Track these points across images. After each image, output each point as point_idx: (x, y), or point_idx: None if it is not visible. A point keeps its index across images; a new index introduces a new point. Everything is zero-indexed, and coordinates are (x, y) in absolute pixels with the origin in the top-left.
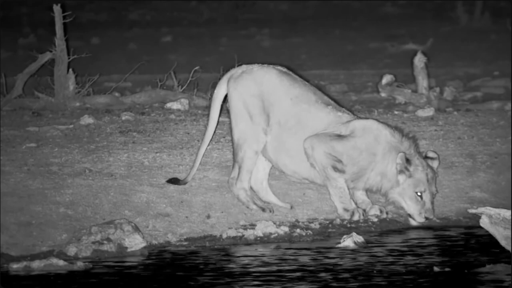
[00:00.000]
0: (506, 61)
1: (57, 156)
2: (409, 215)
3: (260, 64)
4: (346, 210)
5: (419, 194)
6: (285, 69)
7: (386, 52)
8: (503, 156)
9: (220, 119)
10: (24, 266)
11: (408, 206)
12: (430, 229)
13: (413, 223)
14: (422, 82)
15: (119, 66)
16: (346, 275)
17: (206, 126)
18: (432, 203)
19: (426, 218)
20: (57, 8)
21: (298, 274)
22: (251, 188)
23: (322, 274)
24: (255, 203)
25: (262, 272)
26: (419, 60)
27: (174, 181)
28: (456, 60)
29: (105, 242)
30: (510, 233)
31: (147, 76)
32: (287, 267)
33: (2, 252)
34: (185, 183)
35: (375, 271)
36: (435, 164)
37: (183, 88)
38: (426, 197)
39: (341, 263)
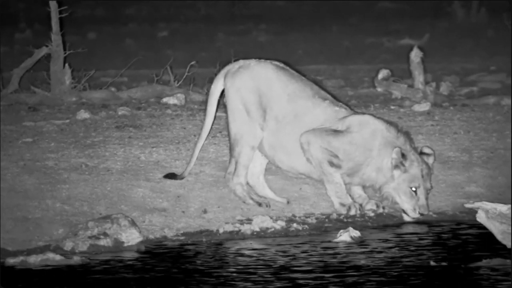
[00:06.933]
0: (503, 56)
1: (54, 151)
2: (403, 211)
3: (257, 59)
4: (342, 205)
5: (413, 189)
6: (282, 65)
7: (382, 47)
8: (499, 151)
9: (217, 114)
10: (21, 261)
11: (402, 201)
12: (426, 223)
13: (406, 218)
14: (419, 77)
15: (115, 61)
16: (342, 270)
17: (203, 121)
18: (427, 198)
19: (420, 214)
20: (53, 3)
21: (294, 268)
22: (247, 183)
23: (319, 269)
24: (251, 198)
25: (258, 266)
26: (416, 55)
27: (170, 176)
28: (452, 55)
29: (101, 236)
30: (506, 228)
31: (144, 71)
32: (283, 262)
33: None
34: (181, 178)
35: (371, 266)
36: (430, 160)
37: (179, 83)
38: (421, 192)
39: (337, 258)
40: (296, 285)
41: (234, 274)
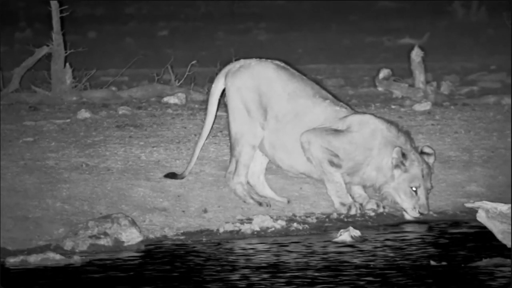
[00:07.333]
0: (503, 55)
1: (54, 151)
2: (404, 209)
3: (257, 59)
4: (343, 204)
5: (413, 189)
6: (282, 64)
7: (382, 46)
8: (499, 151)
9: (218, 113)
10: (21, 261)
11: (403, 201)
12: (426, 223)
13: (407, 217)
14: (419, 76)
15: (116, 61)
16: (342, 269)
17: (203, 120)
18: (427, 198)
19: (420, 213)
20: (54, 2)
21: (295, 268)
22: (248, 182)
23: (319, 269)
24: (252, 198)
25: (258, 266)
26: (416, 54)
27: (171, 175)
28: (452, 54)
29: (102, 236)
30: (506, 227)
31: (144, 70)
32: (283, 262)
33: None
34: (182, 178)
35: (372, 265)
36: (431, 159)
37: (180, 83)
38: (421, 192)
39: (338, 257)
40: (296, 284)
41: (234, 273)
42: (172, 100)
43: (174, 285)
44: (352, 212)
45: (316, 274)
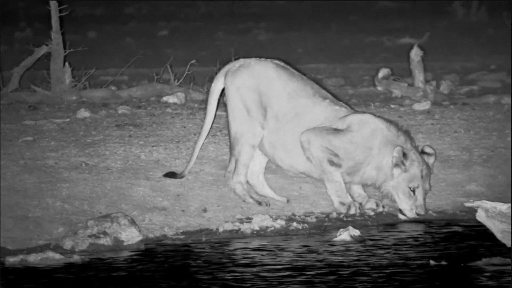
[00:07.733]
0: (503, 55)
1: (54, 150)
2: (400, 210)
3: (257, 58)
4: (342, 204)
5: (412, 189)
6: (282, 63)
7: (382, 46)
8: (499, 150)
9: (217, 112)
10: (21, 260)
11: (400, 200)
12: (426, 222)
13: (402, 217)
14: (419, 75)
15: (115, 60)
16: (342, 268)
17: (203, 120)
18: (424, 199)
19: (417, 214)
20: (53, 2)
21: (294, 268)
22: (247, 182)
23: (318, 268)
24: (251, 197)
25: (257, 265)
26: (416, 54)
27: (170, 175)
28: (452, 54)
29: (101, 235)
30: (506, 227)
31: (144, 70)
32: (282, 261)
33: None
34: (181, 177)
35: (371, 265)
36: (431, 159)
37: (179, 82)
38: (419, 193)
39: (337, 257)
40: (295, 283)
41: (233, 273)
42: (171, 99)
43: (174, 284)
44: (352, 211)
45: (315, 273)
